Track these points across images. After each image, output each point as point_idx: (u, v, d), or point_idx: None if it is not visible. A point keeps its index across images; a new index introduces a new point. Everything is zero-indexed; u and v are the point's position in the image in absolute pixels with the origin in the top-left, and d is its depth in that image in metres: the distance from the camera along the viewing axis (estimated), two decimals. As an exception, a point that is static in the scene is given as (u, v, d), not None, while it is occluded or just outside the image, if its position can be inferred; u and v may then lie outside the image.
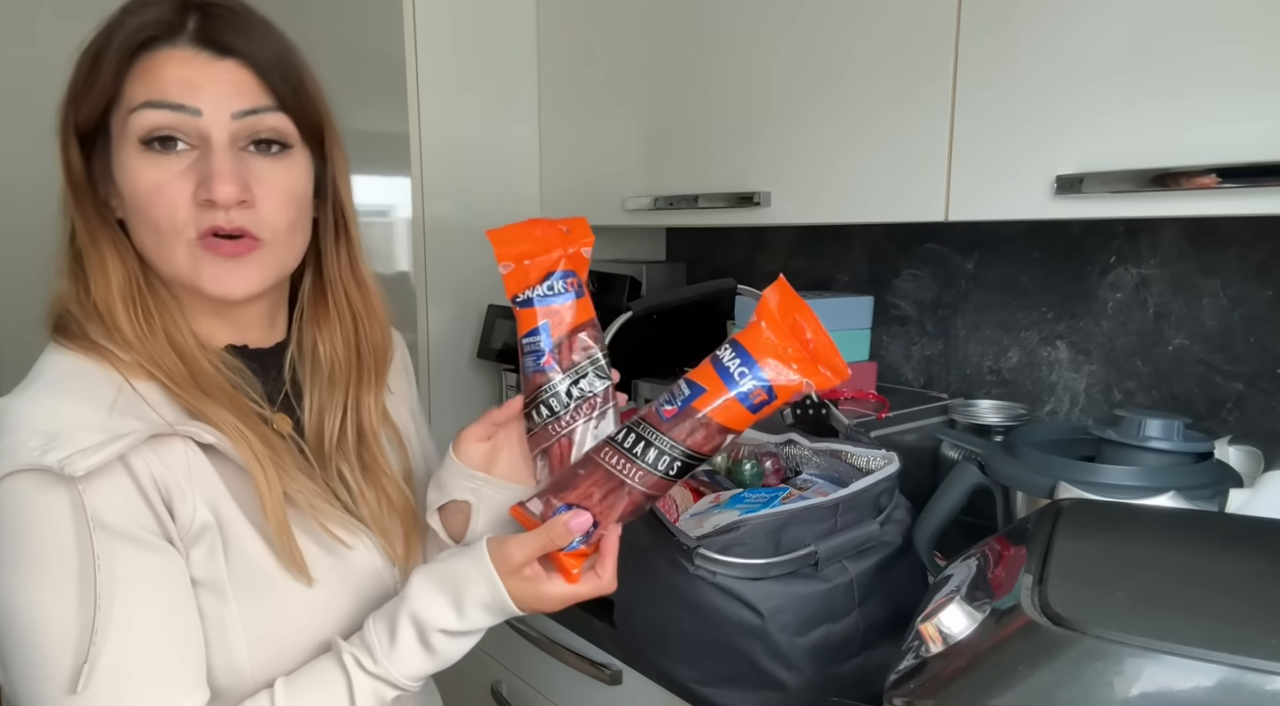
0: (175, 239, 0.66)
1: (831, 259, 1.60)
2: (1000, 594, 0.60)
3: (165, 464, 0.63)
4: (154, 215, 0.65)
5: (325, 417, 0.77)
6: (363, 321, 0.79)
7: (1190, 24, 0.84)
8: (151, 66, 0.64)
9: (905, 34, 1.07)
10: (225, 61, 0.65)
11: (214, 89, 0.64)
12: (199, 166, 0.65)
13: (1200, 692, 0.48)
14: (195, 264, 0.67)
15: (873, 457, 1.00)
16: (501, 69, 1.65)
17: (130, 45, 0.64)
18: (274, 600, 0.68)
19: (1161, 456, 0.87)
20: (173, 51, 0.64)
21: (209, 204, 0.65)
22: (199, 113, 0.64)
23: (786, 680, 0.84)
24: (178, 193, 0.65)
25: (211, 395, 0.68)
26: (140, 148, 0.64)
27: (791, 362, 0.68)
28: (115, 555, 0.60)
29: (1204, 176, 0.82)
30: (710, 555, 0.84)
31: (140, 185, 0.65)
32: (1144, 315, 1.20)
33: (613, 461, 0.68)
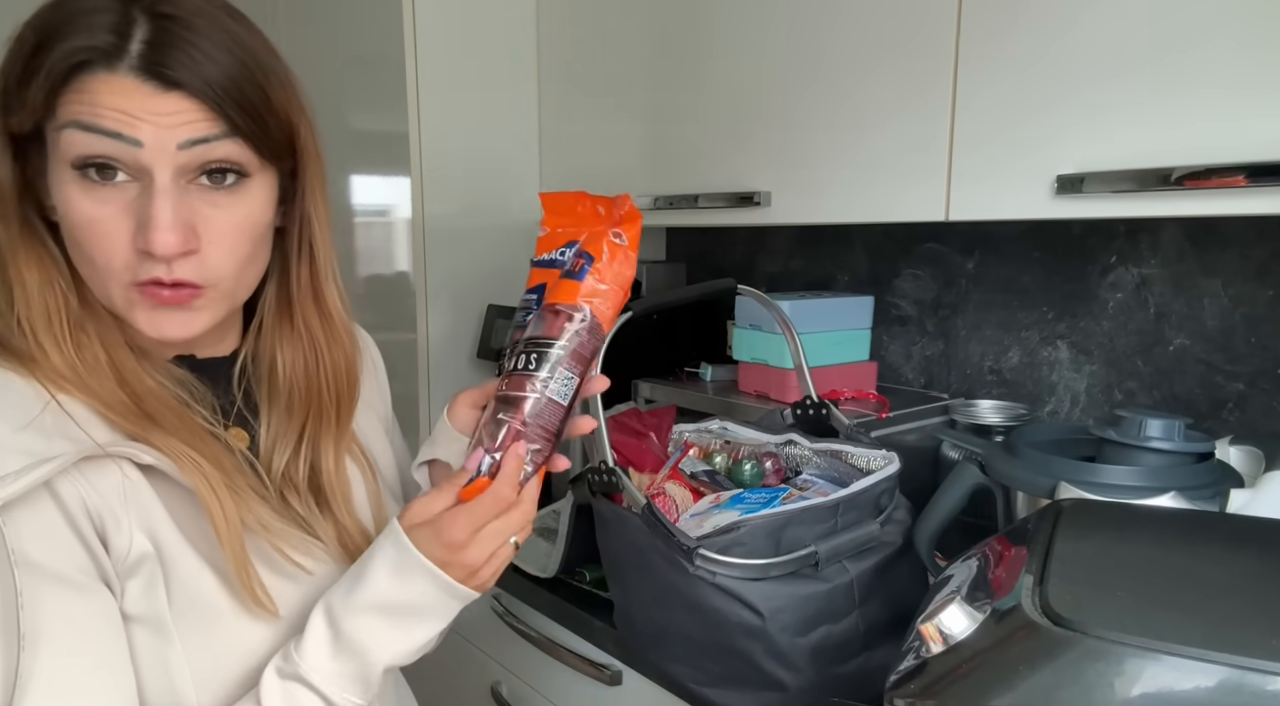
0: (110, 279, 0.59)
1: (831, 259, 1.60)
2: (1001, 594, 0.60)
3: (98, 489, 0.57)
4: (89, 250, 0.58)
5: (278, 447, 0.70)
6: (322, 349, 0.72)
7: (1191, 24, 0.84)
8: (85, 87, 0.55)
9: (906, 33, 1.07)
10: (171, 94, 0.56)
11: (156, 121, 0.56)
12: (139, 205, 0.57)
13: (1201, 693, 0.48)
14: (130, 307, 0.60)
15: (873, 458, 1.00)
16: (501, 69, 1.65)
17: (61, 69, 0.55)
18: (225, 635, 0.62)
19: (1162, 456, 0.87)
20: (110, 78, 0.55)
21: (147, 254, 0.58)
22: (139, 144, 0.56)
23: (787, 680, 0.84)
24: (115, 232, 0.58)
25: (157, 418, 0.61)
26: (74, 173, 0.57)
27: (582, 228, 0.75)
28: (40, 597, 0.54)
29: (1205, 176, 0.82)
30: (710, 555, 0.83)
31: (75, 216, 0.57)
32: (1145, 315, 1.20)
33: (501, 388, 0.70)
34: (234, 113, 0.58)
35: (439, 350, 1.64)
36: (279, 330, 0.71)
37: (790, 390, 1.28)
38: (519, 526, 0.66)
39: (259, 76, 0.60)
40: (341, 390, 0.73)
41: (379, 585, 0.62)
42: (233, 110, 0.58)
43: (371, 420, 0.84)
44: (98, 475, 0.58)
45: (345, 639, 0.61)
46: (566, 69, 1.61)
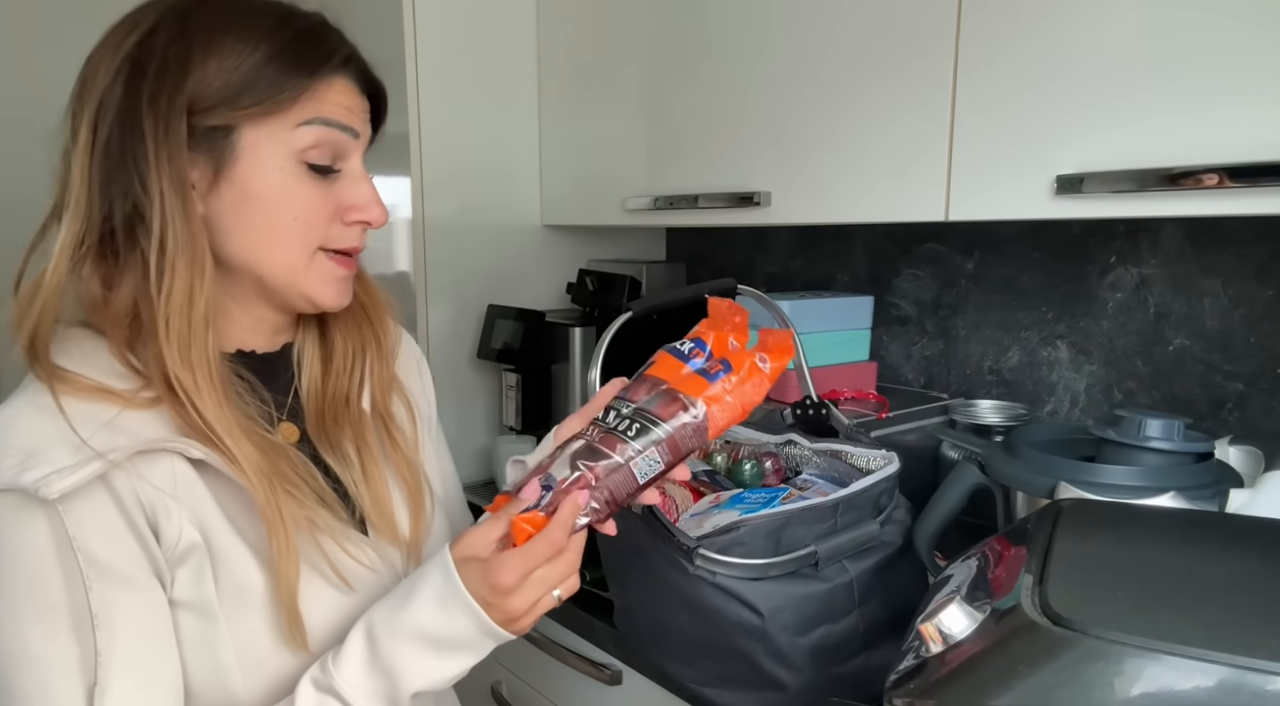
0: (304, 251, 0.67)
1: (831, 259, 1.60)
2: (1000, 594, 0.60)
3: (150, 482, 0.60)
4: (297, 227, 0.66)
5: (326, 400, 0.75)
6: (369, 310, 0.79)
7: (1191, 23, 0.84)
8: (331, 87, 0.66)
9: (905, 33, 1.07)
10: (364, 95, 0.70)
11: (363, 117, 0.69)
12: (344, 188, 0.68)
13: (1201, 693, 0.48)
14: (319, 279, 0.69)
15: (873, 458, 1.00)
16: (501, 69, 1.65)
17: (324, 74, 0.65)
18: (268, 624, 0.65)
19: (1162, 456, 0.87)
20: (343, 81, 0.67)
21: (360, 225, 0.70)
22: (357, 135, 0.68)
23: (786, 680, 0.84)
24: (327, 210, 0.68)
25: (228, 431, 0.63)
26: (302, 166, 0.65)
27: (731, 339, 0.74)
28: (102, 588, 0.58)
29: (1205, 176, 0.82)
30: (710, 555, 0.83)
31: (298, 199, 0.65)
32: (1144, 315, 1.20)
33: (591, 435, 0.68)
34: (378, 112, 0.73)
35: (439, 350, 1.64)
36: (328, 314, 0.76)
37: (790, 390, 1.28)
38: (564, 576, 0.65)
39: None
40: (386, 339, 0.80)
41: (422, 614, 0.63)
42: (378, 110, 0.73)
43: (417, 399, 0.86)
44: (151, 469, 0.61)
45: (382, 660, 0.63)
46: (567, 69, 1.61)
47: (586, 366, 0.99)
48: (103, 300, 0.62)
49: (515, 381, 1.61)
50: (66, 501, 0.56)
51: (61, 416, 0.59)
